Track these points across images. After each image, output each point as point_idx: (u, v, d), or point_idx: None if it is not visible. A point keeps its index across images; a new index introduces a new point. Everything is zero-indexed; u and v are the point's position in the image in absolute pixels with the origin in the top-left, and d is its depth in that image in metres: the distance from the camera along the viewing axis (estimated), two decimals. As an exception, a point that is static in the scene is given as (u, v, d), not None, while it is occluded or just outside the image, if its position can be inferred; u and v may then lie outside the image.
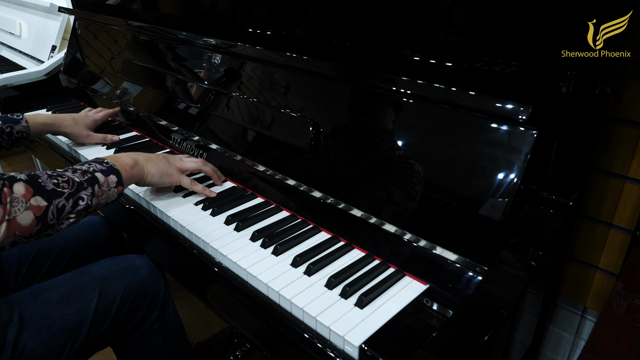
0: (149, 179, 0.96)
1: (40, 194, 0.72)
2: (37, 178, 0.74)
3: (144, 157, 0.96)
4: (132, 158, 0.93)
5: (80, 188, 0.79)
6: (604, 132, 0.88)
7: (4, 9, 2.36)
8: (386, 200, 0.83)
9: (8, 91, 1.65)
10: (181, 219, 0.94)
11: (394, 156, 0.84)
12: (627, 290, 0.74)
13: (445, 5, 0.80)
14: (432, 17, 0.83)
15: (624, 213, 0.93)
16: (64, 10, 1.82)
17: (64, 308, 0.86)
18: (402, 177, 0.82)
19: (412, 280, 0.77)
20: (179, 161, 1.02)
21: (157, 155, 1.00)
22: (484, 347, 0.59)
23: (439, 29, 0.83)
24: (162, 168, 0.97)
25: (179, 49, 1.32)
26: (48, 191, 0.74)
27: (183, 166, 1.01)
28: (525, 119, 0.70)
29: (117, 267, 0.95)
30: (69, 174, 0.79)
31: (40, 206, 0.72)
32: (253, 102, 1.08)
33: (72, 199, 0.77)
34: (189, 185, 1.00)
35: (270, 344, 0.77)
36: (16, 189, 0.70)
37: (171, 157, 1.02)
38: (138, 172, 0.93)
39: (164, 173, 0.98)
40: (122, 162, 0.90)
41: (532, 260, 0.71)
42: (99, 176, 0.83)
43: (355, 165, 0.88)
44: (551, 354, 1.19)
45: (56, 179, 0.76)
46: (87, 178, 0.81)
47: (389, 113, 0.87)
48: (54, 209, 0.74)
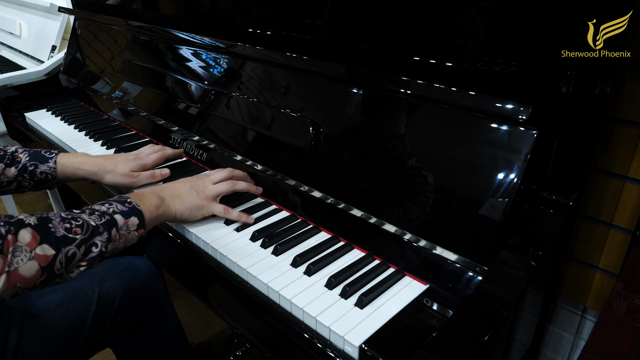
0: (178, 217, 0.88)
1: (48, 242, 0.65)
2: (48, 222, 0.67)
3: (170, 192, 0.88)
4: (158, 196, 0.85)
5: (95, 233, 0.71)
6: (604, 132, 0.88)
7: (4, 9, 2.36)
8: (386, 200, 0.83)
9: (8, 91, 1.65)
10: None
11: (394, 156, 0.84)
12: (627, 290, 0.74)
13: (445, 5, 0.80)
14: (432, 17, 0.83)
15: (624, 213, 0.93)
16: (64, 10, 1.82)
17: (64, 311, 0.86)
18: (403, 178, 0.82)
19: (412, 280, 0.77)
20: (209, 186, 0.92)
21: (184, 186, 0.90)
22: (484, 347, 0.59)
23: (438, 29, 0.83)
24: (191, 202, 0.89)
25: (179, 49, 1.32)
26: (57, 238, 0.67)
27: (214, 192, 0.91)
28: (525, 119, 0.70)
29: (116, 269, 0.95)
30: (85, 216, 0.72)
31: (47, 255, 0.65)
32: (253, 102, 1.08)
33: (85, 245, 0.69)
34: (223, 214, 0.91)
35: (270, 344, 0.77)
36: (21, 236, 0.63)
37: (199, 183, 0.92)
38: (165, 212, 0.85)
39: (194, 207, 0.89)
40: (147, 201, 0.82)
41: (532, 260, 0.71)
42: (118, 218, 0.75)
43: (355, 165, 0.88)
44: (551, 354, 1.19)
45: (69, 222, 0.69)
46: (105, 221, 0.73)
47: (388, 113, 0.87)
48: (63, 257, 0.67)
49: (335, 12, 0.98)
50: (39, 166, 0.98)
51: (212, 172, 0.97)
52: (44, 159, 0.99)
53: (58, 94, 1.76)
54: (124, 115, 1.45)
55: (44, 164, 0.98)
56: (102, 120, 1.49)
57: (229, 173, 0.97)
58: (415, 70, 0.88)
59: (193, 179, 0.94)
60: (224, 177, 0.95)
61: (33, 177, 0.97)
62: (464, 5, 0.78)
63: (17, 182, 0.97)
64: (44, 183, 1.00)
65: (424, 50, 0.86)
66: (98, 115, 1.52)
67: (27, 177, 0.97)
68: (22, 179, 0.97)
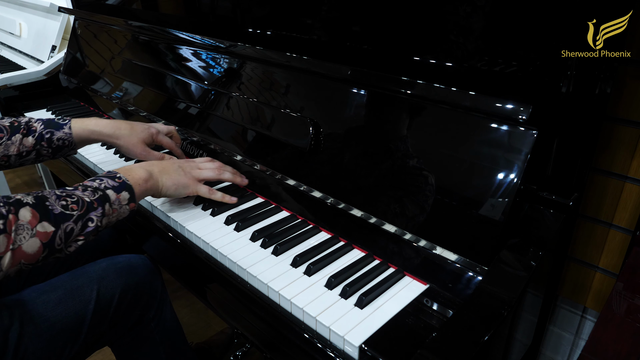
0: (164, 192, 0.91)
1: (48, 219, 0.69)
2: (45, 200, 0.70)
3: (158, 168, 0.91)
4: (146, 170, 0.88)
5: (90, 208, 0.74)
6: (604, 132, 0.88)
7: (4, 9, 2.36)
8: (386, 200, 0.83)
9: (8, 91, 1.65)
10: (181, 219, 0.93)
11: (394, 156, 0.84)
12: (627, 290, 0.74)
13: (445, 5, 0.80)
14: (432, 17, 0.83)
15: (624, 213, 0.93)
16: (64, 10, 1.82)
17: (63, 310, 0.86)
18: (403, 178, 0.82)
19: (412, 280, 0.77)
20: (195, 170, 0.96)
21: (172, 164, 0.95)
22: (484, 347, 0.59)
23: (438, 29, 0.83)
24: (178, 179, 0.92)
25: (179, 49, 1.32)
26: (56, 215, 0.70)
27: (200, 175, 0.96)
28: (525, 119, 0.70)
29: (114, 267, 0.95)
30: (79, 193, 0.75)
31: (48, 232, 0.68)
32: (253, 102, 1.08)
33: (82, 221, 0.73)
34: (207, 194, 0.95)
35: (270, 344, 0.77)
36: (22, 215, 0.66)
37: (187, 165, 0.97)
38: (153, 186, 0.88)
39: (180, 184, 0.93)
40: (136, 175, 0.85)
41: (532, 260, 0.71)
42: (110, 194, 0.78)
43: (355, 165, 0.88)
44: (551, 354, 1.19)
45: (65, 199, 0.72)
46: (98, 197, 0.76)
47: (389, 113, 0.87)
48: (62, 233, 0.70)
49: (335, 12, 0.98)
50: (55, 133, 1.01)
51: (199, 159, 1.02)
52: (58, 126, 1.02)
53: (58, 94, 1.76)
54: (124, 115, 1.45)
55: (59, 130, 1.01)
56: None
57: (216, 163, 1.01)
58: (415, 70, 0.88)
59: (180, 160, 0.99)
60: (211, 166, 0.99)
61: (50, 144, 1.01)
62: (464, 5, 0.78)
63: (35, 150, 1.00)
64: (62, 149, 1.03)
65: (423, 50, 0.86)
66: (98, 116, 1.52)
67: (45, 145, 1.00)
68: (40, 147, 1.00)
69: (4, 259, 0.64)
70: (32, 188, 2.70)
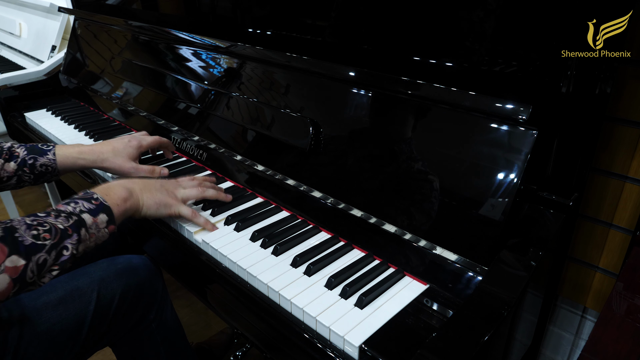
0: (144, 211, 0.87)
1: (17, 252, 0.63)
2: (14, 232, 0.65)
3: (139, 185, 0.87)
4: (126, 189, 0.84)
5: (64, 236, 0.69)
6: (604, 132, 0.88)
7: (4, 9, 2.36)
8: (386, 200, 0.83)
9: (8, 91, 1.65)
10: (181, 220, 0.93)
11: (394, 157, 0.84)
12: (627, 290, 0.74)
13: (445, 5, 0.80)
14: (432, 17, 0.83)
15: (624, 213, 0.93)
16: (64, 10, 1.82)
17: (63, 311, 0.86)
18: (403, 178, 0.82)
19: (412, 280, 0.77)
20: (179, 189, 0.93)
21: (155, 182, 0.91)
22: (484, 347, 0.59)
23: (438, 29, 0.83)
24: (160, 199, 0.88)
25: (178, 49, 1.32)
26: (27, 247, 0.64)
27: (184, 195, 0.92)
28: (524, 119, 0.70)
29: (115, 268, 0.95)
30: (51, 219, 0.70)
31: (17, 266, 0.63)
32: (253, 102, 1.08)
33: (55, 250, 0.67)
34: (190, 216, 0.90)
35: (270, 344, 0.77)
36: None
37: (170, 184, 0.93)
38: (132, 205, 0.84)
39: (162, 204, 0.88)
40: (115, 195, 0.81)
41: (532, 260, 0.71)
42: (86, 218, 0.73)
43: (355, 165, 0.88)
44: (551, 354, 1.19)
45: (36, 229, 0.67)
46: (73, 222, 0.71)
47: (388, 112, 0.87)
48: (34, 266, 0.65)
49: (335, 12, 0.98)
50: (38, 159, 0.98)
51: (181, 179, 0.98)
52: (42, 152, 0.99)
53: (58, 94, 1.76)
54: (124, 115, 1.45)
55: (43, 156, 0.98)
56: (102, 120, 1.49)
57: (197, 180, 0.98)
58: (415, 70, 0.88)
59: (163, 179, 0.96)
60: (193, 184, 0.96)
61: (33, 170, 0.97)
62: (464, 5, 0.78)
63: (17, 176, 0.97)
64: (44, 176, 1.00)
65: (423, 50, 0.86)
66: (98, 115, 1.52)
67: (27, 171, 0.97)
68: (22, 173, 0.97)
69: None
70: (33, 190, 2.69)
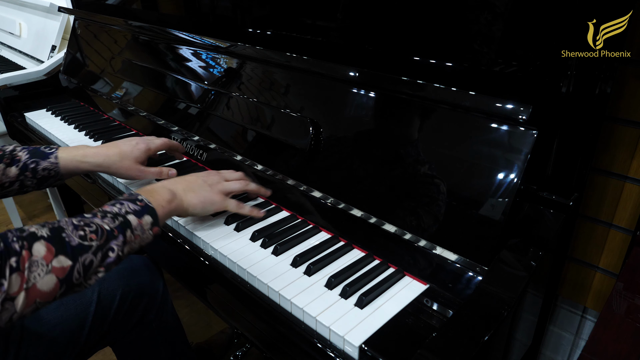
0: (190, 211, 0.85)
1: (64, 253, 0.62)
2: (62, 232, 0.64)
3: (182, 185, 0.85)
4: (169, 190, 0.81)
5: (110, 237, 0.68)
6: (604, 132, 0.88)
7: (4, 9, 2.36)
8: (385, 199, 0.83)
9: (8, 91, 1.65)
10: (181, 219, 0.93)
11: (394, 157, 0.84)
12: (627, 290, 0.74)
13: (445, 5, 0.80)
14: (432, 17, 0.83)
15: (624, 213, 0.93)
16: (64, 10, 1.82)
17: (63, 312, 0.86)
18: (402, 178, 0.82)
19: (412, 280, 0.77)
20: (221, 183, 0.90)
21: (196, 180, 0.88)
22: (484, 347, 0.59)
23: (438, 29, 0.83)
24: (204, 197, 0.86)
25: (179, 49, 1.32)
26: (73, 247, 0.63)
27: (226, 189, 0.90)
28: (525, 119, 0.70)
29: (115, 268, 0.95)
30: (97, 220, 0.68)
31: (65, 267, 0.62)
32: (253, 102, 1.08)
33: (101, 251, 0.66)
34: (235, 209, 0.89)
35: (270, 344, 0.77)
36: (36, 250, 0.60)
37: (211, 178, 0.90)
38: (177, 206, 0.82)
39: (207, 201, 0.86)
40: (159, 196, 0.79)
41: (532, 260, 0.71)
42: (131, 219, 0.72)
43: (355, 165, 0.88)
44: (551, 354, 1.19)
45: (83, 229, 0.66)
46: (119, 223, 0.70)
47: (388, 112, 0.87)
48: (80, 267, 0.64)
49: (335, 13, 0.98)
50: (41, 163, 0.94)
51: (224, 171, 0.96)
52: (44, 155, 0.95)
53: (58, 94, 1.76)
54: (124, 115, 1.45)
55: (45, 160, 0.94)
56: (102, 120, 1.49)
57: (240, 173, 0.96)
58: (415, 70, 0.88)
59: (204, 174, 0.92)
60: (237, 176, 0.94)
61: (35, 174, 0.94)
62: (464, 5, 0.78)
63: (19, 181, 0.93)
64: (47, 180, 0.96)
65: (424, 50, 0.86)
66: (98, 115, 1.52)
67: (29, 176, 0.93)
68: (24, 177, 0.93)
69: (17, 299, 0.58)
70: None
